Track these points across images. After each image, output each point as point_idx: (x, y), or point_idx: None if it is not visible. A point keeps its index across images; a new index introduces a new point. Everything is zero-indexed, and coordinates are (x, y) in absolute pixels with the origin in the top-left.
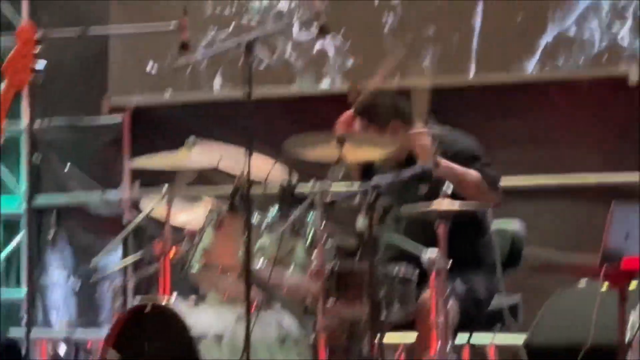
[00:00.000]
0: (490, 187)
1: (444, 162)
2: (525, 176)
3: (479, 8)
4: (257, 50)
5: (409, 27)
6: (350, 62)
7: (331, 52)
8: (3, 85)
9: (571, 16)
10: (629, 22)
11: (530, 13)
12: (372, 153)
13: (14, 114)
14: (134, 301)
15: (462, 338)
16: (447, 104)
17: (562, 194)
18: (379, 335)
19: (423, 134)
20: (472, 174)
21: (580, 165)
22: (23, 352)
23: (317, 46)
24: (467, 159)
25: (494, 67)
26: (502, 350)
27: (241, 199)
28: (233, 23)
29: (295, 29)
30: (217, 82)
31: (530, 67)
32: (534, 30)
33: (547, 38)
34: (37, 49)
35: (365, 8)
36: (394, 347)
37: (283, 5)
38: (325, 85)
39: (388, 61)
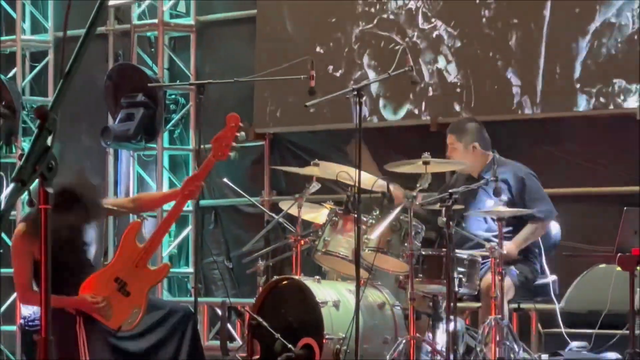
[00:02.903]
0: (546, 220)
1: (513, 251)
2: (560, 189)
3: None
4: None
5: None
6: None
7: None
8: (210, 153)
9: None
10: None
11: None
12: (447, 168)
13: (185, 140)
14: (273, 278)
15: (512, 306)
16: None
17: (588, 200)
18: (452, 303)
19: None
20: (531, 231)
21: (599, 179)
22: None
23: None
24: (525, 195)
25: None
26: (541, 314)
27: (352, 204)
28: (376, 19)
29: None
30: (335, 115)
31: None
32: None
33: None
34: (239, 134)
35: None
36: (463, 311)
37: (412, 4)
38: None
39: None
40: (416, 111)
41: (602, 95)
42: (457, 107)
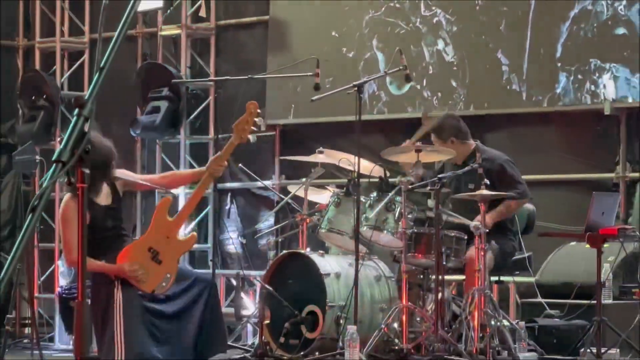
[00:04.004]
0: (521, 199)
1: (488, 223)
2: (537, 175)
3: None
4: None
5: None
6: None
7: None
8: (232, 137)
9: None
10: None
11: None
12: (437, 157)
13: (204, 129)
14: (282, 252)
15: (493, 279)
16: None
17: (561, 186)
18: (440, 275)
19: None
20: (506, 208)
21: (571, 167)
22: None
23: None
24: (504, 179)
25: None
26: (519, 286)
27: (353, 187)
28: (384, 7)
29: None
30: (338, 109)
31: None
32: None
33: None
34: (257, 119)
35: None
36: (450, 283)
37: None
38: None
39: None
40: (418, 87)
41: (579, 72)
42: (454, 84)
